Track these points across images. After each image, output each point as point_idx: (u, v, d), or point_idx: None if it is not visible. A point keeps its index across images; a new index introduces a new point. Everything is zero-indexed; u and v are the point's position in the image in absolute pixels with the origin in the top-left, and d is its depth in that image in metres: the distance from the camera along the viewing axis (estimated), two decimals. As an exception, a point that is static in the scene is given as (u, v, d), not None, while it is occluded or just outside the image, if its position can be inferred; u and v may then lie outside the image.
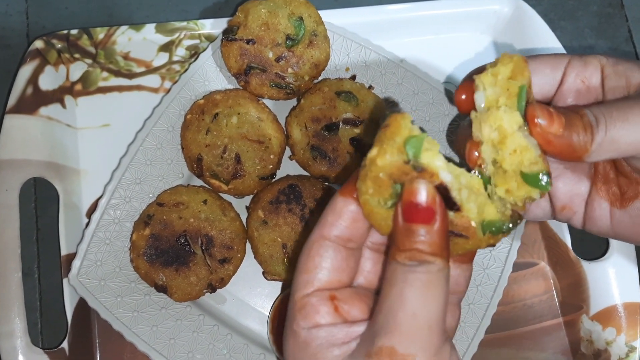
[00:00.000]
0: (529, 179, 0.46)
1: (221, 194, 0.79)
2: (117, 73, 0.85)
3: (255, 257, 0.78)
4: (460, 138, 0.55)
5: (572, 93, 0.52)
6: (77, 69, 0.85)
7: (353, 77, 0.84)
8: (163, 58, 0.86)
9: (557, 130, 0.46)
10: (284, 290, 0.77)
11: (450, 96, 0.84)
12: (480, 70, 0.51)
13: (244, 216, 0.80)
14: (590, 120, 0.46)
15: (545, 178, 0.46)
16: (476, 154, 0.48)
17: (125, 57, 0.85)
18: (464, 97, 0.51)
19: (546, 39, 0.87)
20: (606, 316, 0.81)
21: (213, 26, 0.85)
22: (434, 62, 0.87)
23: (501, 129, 0.46)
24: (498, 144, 0.47)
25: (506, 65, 0.48)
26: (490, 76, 0.48)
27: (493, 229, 0.46)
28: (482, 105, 0.48)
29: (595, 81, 0.51)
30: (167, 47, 0.85)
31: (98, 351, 0.76)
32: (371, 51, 0.84)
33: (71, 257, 0.76)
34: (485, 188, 0.47)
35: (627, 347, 0.80)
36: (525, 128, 0.47)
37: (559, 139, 0.46)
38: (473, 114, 0.49)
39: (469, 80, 0.50)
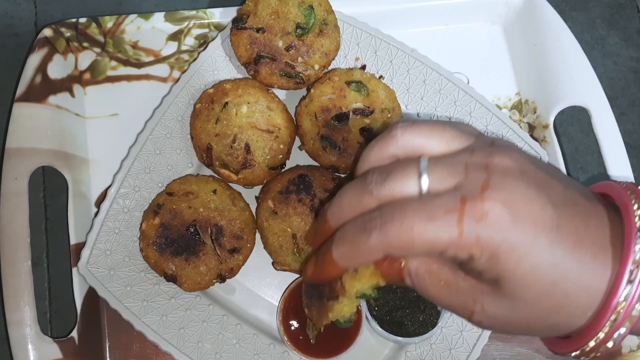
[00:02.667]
0: (338, 322, 0.57)
1: (231, 184, 0.79)
2: (126, 62, 0.85)
3: (264, 247, 0.78)
4: None
5: None
6: (86, 58, 0.84)
7: (363, 67, 0.84)
8: (172, 47, 0.85)
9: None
10: (294, 280, 0.77)
11: (461, 85, 0.83)
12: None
13: (253, 206, 0.80)
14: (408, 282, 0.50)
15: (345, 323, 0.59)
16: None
17: (134, 46, 0.85)
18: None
19: (557, 29, 0.86)
20: (617, 308, 0.81)
21: (222, 15, 0.84)
22: (444, 52, 0.86)
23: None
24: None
25: (368, 273, 0.52)
26: (356, 283, 0.52)
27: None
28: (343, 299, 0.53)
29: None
30: (176, 36, 0.85)
31: (107, 340, 0.76)
32: (381, 41, 0.83)
33: (80, 246, 0.76)
34: None
35: (638, 339, 0.80)
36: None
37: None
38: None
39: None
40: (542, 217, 0.44)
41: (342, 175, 0.80)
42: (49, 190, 0.81)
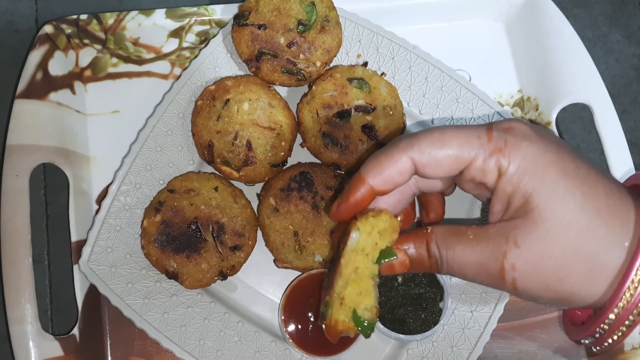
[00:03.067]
0: (357, 319, 0.56)
1: (232, 181, 0.79)
2: (127, 59, 0.85)
3: (266, 245, 0.77)
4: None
5: (466, 186, 0.58)
6: (87, 55, 0.84)
7: (365, 64, 0.83)
8: (173, 44, 0.85)
9: (403, 269, 0.57)
10: (296, 278, 0.77)
11: (463, 82, 0.83)
12: (361, 206, 0.57)
13: (255, 204, 0.79)
14: (435, 256, 0.55)
15: (367, 325, 0.57)
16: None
17: (135, 43, 0.84)
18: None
19: (559, 26, 0.86)
20: (619, 305, 0.81)
21: (224, 12, 0.84)
22: (446, 49, 0.86)
23: (358, 271, 0.56)
24: (351, 282, 0.56)
25: (384, 222, 0.57)
26: (369, 225, 0.56)
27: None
28: (353, 243, 0.57)
29: (489, 189, 0.54)
30: (177, 33, 0.85)
31: (109, 338, 0.76)
32: (383, 37, 0.83)
33: (81, 243, 0.76)
34: None
35: (640, 336, 0.80)
36: (377, 279, 0.57)
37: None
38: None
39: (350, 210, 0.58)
40: (568, 166, 0.49)
41: (344, 173, 0.80)
42: (50, 187, 0.81)
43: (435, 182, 0.60)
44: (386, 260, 0.57)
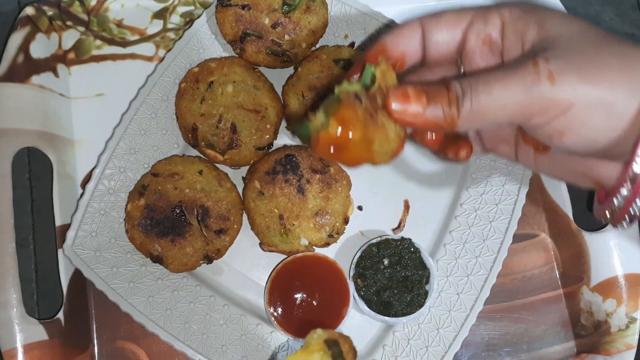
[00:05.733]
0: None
1: (217, 165, 0.78)
2: (111, 41, 0.83)
3: (252, 228, 0.77)
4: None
5: (477, 53, 0.52)
6: (70, 37, 0.83)
7: (352, 45, 0.82)
8: (157, 25, 0.84)
9: (417, 110, 0.47)
10: (281, 261, 0.76)
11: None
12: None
13: (240, 187, 0.79)
14: (457, 92, 0.46)
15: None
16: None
17: (119, 24, 0.83)
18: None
19: (551, 6, 0.84)
20: (607, 287, 0.80)
21: (208, -8, 0.82)
22: (435, 30, 0.84)
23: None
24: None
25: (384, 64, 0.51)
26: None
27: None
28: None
29: (497, 39, 0.51)
30: (161, 14, 0.84)
31: (94, 321, 0.76)
32: (371, 17, 0.82)
33: (66, 227, 0.76)
34: None
35: (627, 318, 0.79)
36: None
37: (418, 118, 0.47)
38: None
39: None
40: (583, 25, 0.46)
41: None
42: (35, 171, 0.81)
43: (440, 43, 0.54)
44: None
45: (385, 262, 0.75)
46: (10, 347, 0.71)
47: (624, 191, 0.46)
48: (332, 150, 0.48)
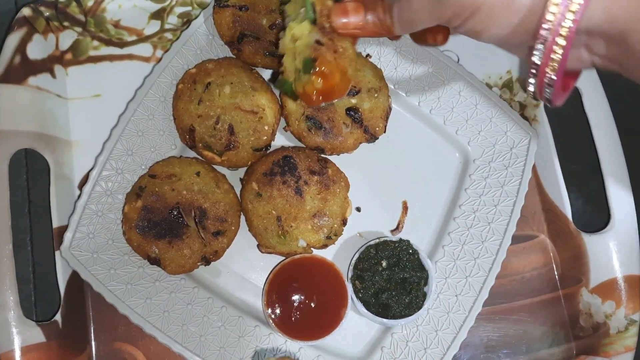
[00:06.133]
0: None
1: (214, 166, 0.78)
2: (108, 42, 0.83)
3: (249, 230, 0.77)
4: None
5: None
6: (67, 38, 0.82)
7: (350, 45, 0.82)
8: (155, 26, 0.84)
9: (357, 20, 0.56)
10: (279, 262, 0.76)
11: (451, 64, 0.81)
12: None
13: (238, 188, 0.79)
14: (389, 1, 0.54)
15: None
16: None
17: (116, 25, 0.83)
18: None
19: None
20: (606, 289, 0.80)
21: (205, -8, 0.82)
22: (433, 30, 0.84)
23: (302, 41, 0.61)
24: (298, 54, 0.61)
25: None
26: None
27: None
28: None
29: None
30: (158, 15, 0.83)
31: (92, 323, 0.76)
32: (368, 18, 0.81)
33: (63, 229, 0.75)
34: None
35: (626, 320, 0.79)
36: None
37: (359, 28, 0.56)
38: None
39: None
40: None
41: (328, 157, 0.79)
42: (32, 172, 0.80)
43: None
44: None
45: (384, 263, 0.75)
46: (7, 349, 0.71)
47: (537, 59, 0.48)
48: (320, 98, 0.60)
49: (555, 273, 0.82)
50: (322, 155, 0.78)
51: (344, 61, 0.59)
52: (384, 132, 0.79)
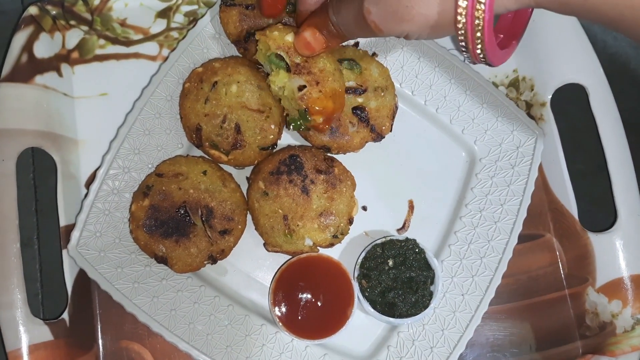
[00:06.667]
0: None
1: (221, 165, 0.78)
2: (115, 40, 0.83)
3: (256, 229, 0.77)
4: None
5: None
6: (74, 37, 0.82)
7: (356, 44, 0.82)
8: (161, 25, 0.84)
9: (319, 43, 0.64)
10: (286, 261, 0.76)
11: (458, 63, 0.81)
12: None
13: (244, 187, 0.79)
14: (334, 21, 0.60)
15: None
16: None
17: (122, 24, 0.83)
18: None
19: None
20: (612, 288, 0.80)
21: (212, -9, 0.82)
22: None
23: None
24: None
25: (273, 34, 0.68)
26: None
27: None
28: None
29: None
30: (164, 14, 0.83)
31: (99, 321, 0.76)
32: (375, 17, 0.81)
33: (70, 228, 0.76)
34: None
35: (633, 319, 0.79)
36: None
37: (323, 46, 0.64)
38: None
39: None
40: None
41: (334, 155, 0.79)
42: (39, 171, 0.81)
43: None
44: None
45: (390, 262, 0.75)
46: (15, 347, 0.72)
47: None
48: (328, 123, 0.71)
49: (562, 272, 0.82)
50: (329, 154, 0.78)
51: (329, 85, 0.67)
52: (390, 131, 0.79)
